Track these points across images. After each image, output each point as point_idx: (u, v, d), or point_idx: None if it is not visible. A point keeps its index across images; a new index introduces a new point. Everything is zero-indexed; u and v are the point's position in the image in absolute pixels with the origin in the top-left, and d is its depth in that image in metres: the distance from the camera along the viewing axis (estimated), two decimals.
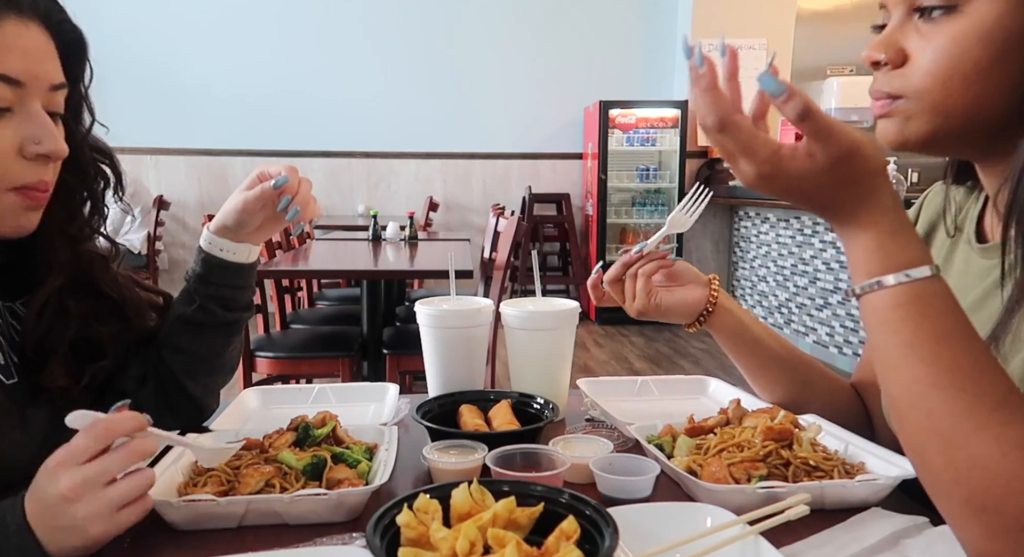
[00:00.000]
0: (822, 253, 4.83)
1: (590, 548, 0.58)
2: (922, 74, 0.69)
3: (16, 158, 0.75)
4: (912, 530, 0.70)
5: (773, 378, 1.02)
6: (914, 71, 0.70)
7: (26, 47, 0.75)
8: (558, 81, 6.45)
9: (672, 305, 1.01)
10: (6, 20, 0.73)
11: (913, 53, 0.70)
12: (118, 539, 0.71)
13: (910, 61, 0.70)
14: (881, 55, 0.72)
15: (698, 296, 1.01)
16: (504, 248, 2.76)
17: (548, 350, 1.09)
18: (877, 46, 0.73)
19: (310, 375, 3.11)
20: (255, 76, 6.20)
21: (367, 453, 0.86)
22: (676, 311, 1.02)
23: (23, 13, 0.75)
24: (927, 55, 0.69)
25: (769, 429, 0.83)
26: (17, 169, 0.75)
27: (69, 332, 0.86)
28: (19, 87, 0.74)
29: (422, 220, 5.45)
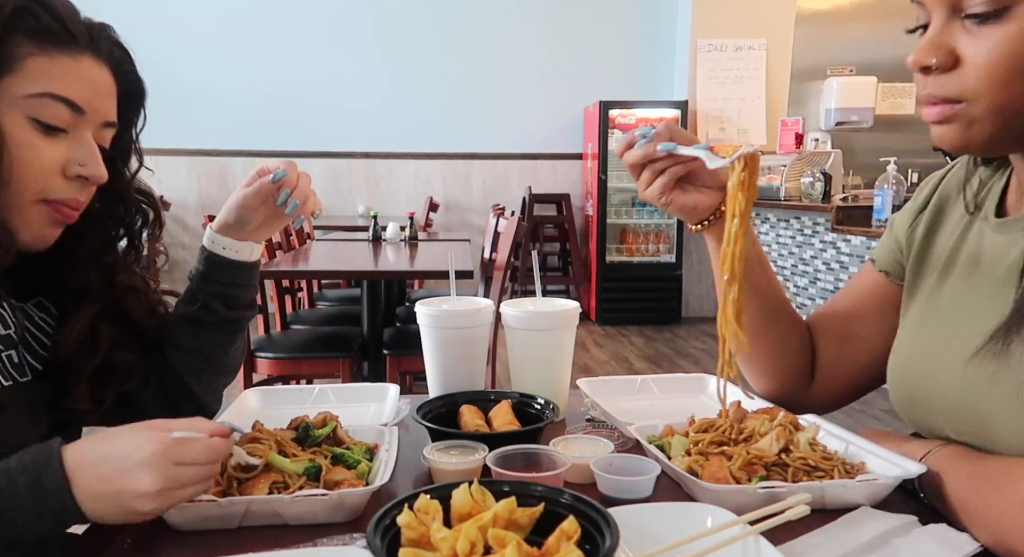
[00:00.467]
0: (822, 253, 4.83)
1: (590, 548, 0.58)
2: (980, 76, 0.68)
3: (58, 175, 0.81)
4: (901, 529, 0.71)
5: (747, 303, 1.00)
6: (970, 73, 0.68)
7: (95, 82, 0.83)
8: (558, 81, 6.45)
9: (684, 205, 0.94)
10: (84, 57, 0.81)
11: (966, 56, 0.68)
12: (119, 539, 0.71)
13: (963, 64, 0.69)
14: (932, 59, 0.70)
15: (712, 201, 0.94)
16: (504, 248, 2.76)
17: (548, 350, 1.09)
18: (926, 50, 0.71)
19: (310, 375, 3.11)
20: (255, 76, 6.20)
21: (367, 454, 0.86)
22: (686, 212, 0.95)
23: (100, 55, 0.83)
24: (982, 57, 0.67)
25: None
26: (55, 184, 0.81)
27: (97, 357, 0.90)
28: (79, 113, 0.81)
29: (422, 220, 5.44)
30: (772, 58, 6.11)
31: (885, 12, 5.97)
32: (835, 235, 4.57)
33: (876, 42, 6.03)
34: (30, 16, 0.77)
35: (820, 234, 4.84)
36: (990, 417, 0.75)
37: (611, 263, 6.10)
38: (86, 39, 0.81)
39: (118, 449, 0.67)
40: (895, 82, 5.97)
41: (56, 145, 0.80)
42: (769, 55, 6.11)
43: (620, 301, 6.07)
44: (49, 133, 0.79)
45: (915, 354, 0.88)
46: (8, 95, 0.77)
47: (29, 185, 0.79)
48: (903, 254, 0.97)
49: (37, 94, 0.77)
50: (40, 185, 0.80)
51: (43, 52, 0.78)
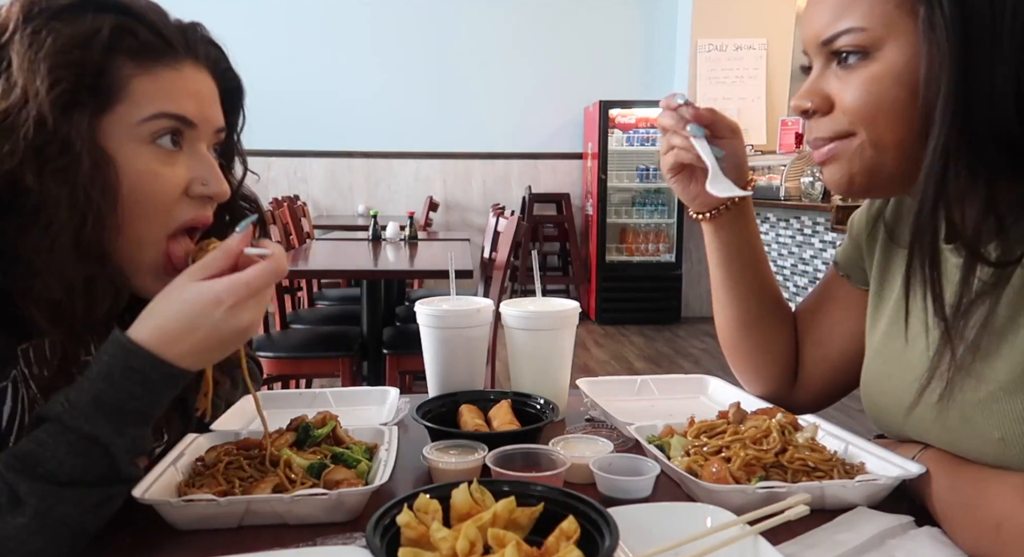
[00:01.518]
0: (822, 253, 4.83)
1: (590, 548, 0.58)
2: (849, 117, 0.73)
3: (182, 198, 0.78)
4: (897, 530, 0.71)
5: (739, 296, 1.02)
6: (844, 113, 0.73)
7: (200, 91, 0.79)
8: (558, 81, 6.45)
9: (687, 191, 0.98)
10: (184, 64, 0.78)
11: (837, 99, 0.74)
12: (118, 539, 0.71)
13: (836, 106, 0.74)
14: (808, 103, 0.76)
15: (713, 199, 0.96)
16: (504, 248, 2.76)
17: (548, 350, 1.09)
18: (803, 95, 0.76)
19: (310, 375, 3.11)
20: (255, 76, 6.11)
21: (367, 453, 0.86)
22: (688, 198, 0.99)
23: (198, 59, 0.80)
24: (849, 99, 0.72)
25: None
26: (181, 208, 0.78)
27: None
28: (191, 127, 0.78)
29: (422, 220, 5.45)
30: (772, 58, 6.11)
31: None
32: (835, 235, 4.57)
33: None
34: (128, 35, 0.73)
35: (820, 234, 4.84)
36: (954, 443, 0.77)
37: (611, 263, 6.10)
38: (183, 45, 0.78)
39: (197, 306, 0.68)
40: None
41: (176, 167, 0.77)
42: (769, 55, 6.11)
43: (620, 301, 6.07)
44: (167, 156, 0.76)
45: (880, 376, 0.89)
46: (121, 125, 0.73)
47: (155, 216, 0.76)
48: (864, 260, 0.96)
49: (149, 117, 0.74)
50: (165, 213, 0.77)
51: (146, 70, 0.74)
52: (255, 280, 0.70)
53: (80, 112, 0.70)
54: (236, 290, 0.69)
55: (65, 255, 0.69)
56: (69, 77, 0.70)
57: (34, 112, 0.68)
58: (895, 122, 0.70)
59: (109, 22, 0.72)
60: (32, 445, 0.65)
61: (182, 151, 0.78)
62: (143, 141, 0.74)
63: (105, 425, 0.66)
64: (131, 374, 0.67)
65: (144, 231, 0.76)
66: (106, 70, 0.72)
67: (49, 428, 0.65)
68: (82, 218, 0.70)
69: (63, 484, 0.64)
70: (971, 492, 0.72)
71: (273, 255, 0.72)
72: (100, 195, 0.71)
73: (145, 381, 0.67)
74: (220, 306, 0.68)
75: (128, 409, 0.67)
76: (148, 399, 0.68)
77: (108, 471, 0.67)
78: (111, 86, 0.73)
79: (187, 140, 0.78)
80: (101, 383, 0.67)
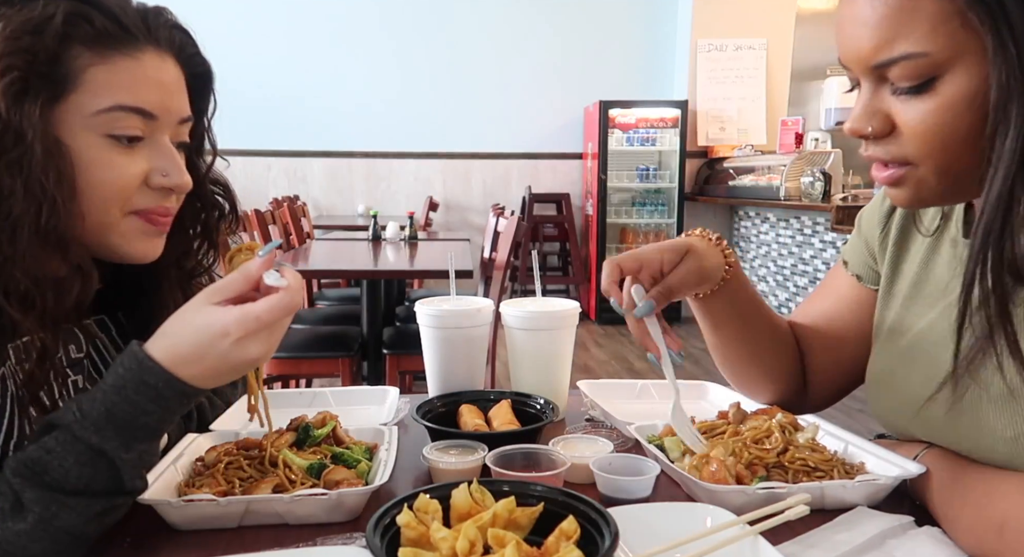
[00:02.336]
0: (822, 253, 4.83)
1: (590, 548, 0.58)
2: (918, 144, 0.68)
3: (141, 187, 0.77)
4: (897, 530, 0.71)
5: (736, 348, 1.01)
6: (908, 140, 0.68)
7: (162, 80, 0.77)
8: (558, 81, 6.45)
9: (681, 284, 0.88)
10: (145, 52, 0.75)
11: (902, 123, 0.68)
12: (118, 539, 0.71)
13: (900, 131, 0.69)
14: (868, 128, 0.71)
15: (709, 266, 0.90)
16: (504, 248, 2.76)
17: (548, 350, 1.09)
18: (861, 119, 0.71)
19: (310, 375, 3.11)
20: (255, 76, 6.19)
21: (367, 453, 0.86)
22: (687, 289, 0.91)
23: (160, 46, 0.77)
24: (918, 126, 0.67)
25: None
26: (139, 197, 0.77)
27: None
28: (152, 119, 0.76)
29: (422, 220, 5.45)
30: (772, 58, 6.11)
31: None
32: (835, 235, 4.57)
33: None
34: (83, 21, 0.71)
35: (820, 234, 4.84)
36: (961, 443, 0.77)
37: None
38: (143, 32, 0.75)
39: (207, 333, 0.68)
40: None
41: (134, 157, 0.75)
42: (769, 55, 6.11)
43: None
44: (125, 146, 0.74)
45: (887, 375, 0.88)
46: (76, 114, 0.72)
47: (113, 202, 0.75)
48: (875, 261, 0.95)
49: (106, 109, 0.72)
50: (124, 200, 0.76)
51: (102, 59, 0.72)
52: (265, 314, 0.68)
53: (31, 101, 0.69)
54: (246, 324, 0.67)
55: (27, 245, 0.69)
56: (20, 65, 0.68)
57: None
58: (966, 148, 0.66)
59: (63, 8, 0.70)
60: (40, 452, 0.65)
61: (142, 142, 0.76)
62: (99, 132, 0.73)
63: (114, 438, 0.66)
64: (145, 389, 0.67)
65: (105, 216, 0.76)
66: (60, 58, 0.70)
67: (59, 436, 0.65)
68: (38, 208, 0.69)
69: (68, 493, 0.64)
70: (974, 492, 0.72)
71: (289, 287, 0.71)
72: (55, 185, 0.69)
73: (158, 398, 0.67)
74: (227, 338, 0.67)
75: (139, 424, 0.67)
76: (159, 415, 0.68)
77: (113, 483, 0.66)
78: (65, 75, 0.71)
79: (147, 131, 0.76)
80: (114, 396, 0.66)
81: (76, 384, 0.83)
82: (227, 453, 0.82)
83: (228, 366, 0.69)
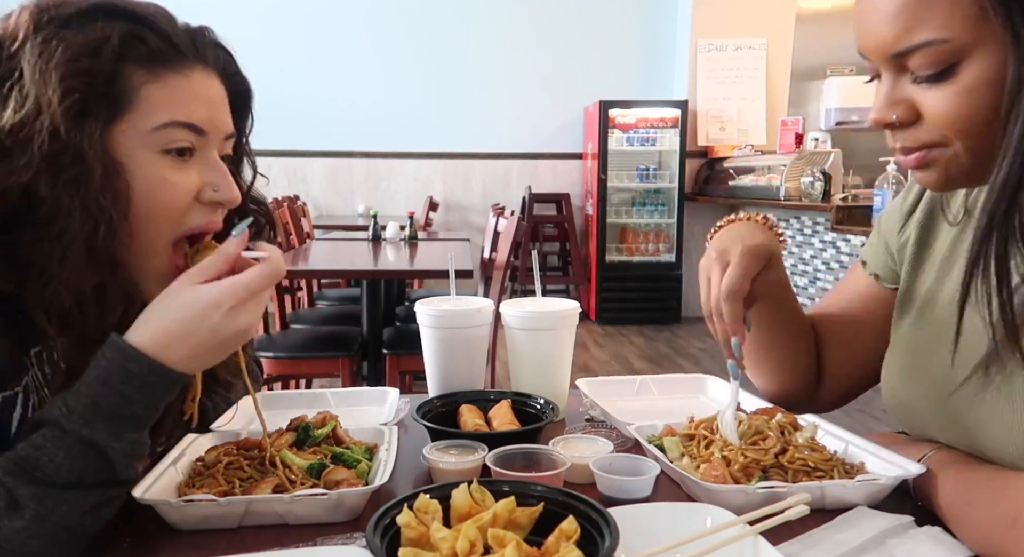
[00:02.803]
0: (822, 253, 4.83)
1: (590, 548, 0.58)
2: (944, 127, 0.68)
3: (193, 203, 0.78)
4: (898, 529, 0.71)
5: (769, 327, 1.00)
6: (934, 126, 0.69)
7: (209, 96, 0.79)
8: (558, 81, 6.45)
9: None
10: (194, 70, 0.77)
11: (926, 110, 0.69)
12: (118, 539, 0.71)
13: (925, 117, 0.69)
14: (892, 117, 0.71)
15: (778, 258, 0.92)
16: (504, 248, 2.76)
17: (548, 350, 1.09)
18: (884, 109, 0.71)
19: (310, 375, 3.11)
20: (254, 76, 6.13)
21: (367, 453, 0.86)
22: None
23: (207, 64, 0.79)
24: (942, 112, 0.67)
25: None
26: (192, 213, 0.78)
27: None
28: (202, 135, 0.77)
29: (422, 220, 5.45)
30: (772, 58, 6.11)
31: None
32: (835, 235, 4.57)
33: None
34: (138, 42, 0.73)
35: (820, 234, 4.84)
36: (980, 433, 0.76)
37: (611, 263, 6.10)
38: (192, 50, 0.77)
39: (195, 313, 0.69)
40: None
41: (187, 173, 0.77)
42: (769, 55, 6.11)
43: (620, 301, 6.07)
44: (178, 162, 0.76)
45: (907, 368, 0.88)
46: (133, 133, 0.73)
47: (167, 221, 0.76)
48: (895, 260, 0.96)
49: (161, 126, 0.74)
50: (177, 218, 0.77)
51: (155, 77, 0.74)
52: (254, 282, 0.71)
53: (92, 121, 0.70)
54: (236, 292, 0.70)
55: (77, 263, 0.69)
56: (80, 86, 0.69)
57: (47, 123, 0.68)
58: (990, 129, 0.66)
59: (119, 29, 0.72)
60: (30, 449, 0.65)
61: (193, 157, 0.78)
62: (154, 149, 0.74)
63: (104, 429, 0.66)
64: (129, 378, 0.67)
65: (155, 236, 0.77)
66: (116, 78, 0.72)
67: (47, 432, 0.66)
68: (94, 227, 0.70)
69: (62, 487, 0.64)
70: (986, 487, 0.71)
71: (270, 258, 0.73)
72: (112, 204, 0.71)
73: (144, 386, 0.68)
74: (219, 309, 0.69)
75: (126, 413, 0.67)
76: (146, 403, 0.69)
77: (106, 474, 0.67)
78: (122, 94, 0.72)
79: (198, 146, 0.78)
80: (99, 387, 0.67)
81: None
82: (227, 453, 0.82)
83: (218, 340, 0.70)
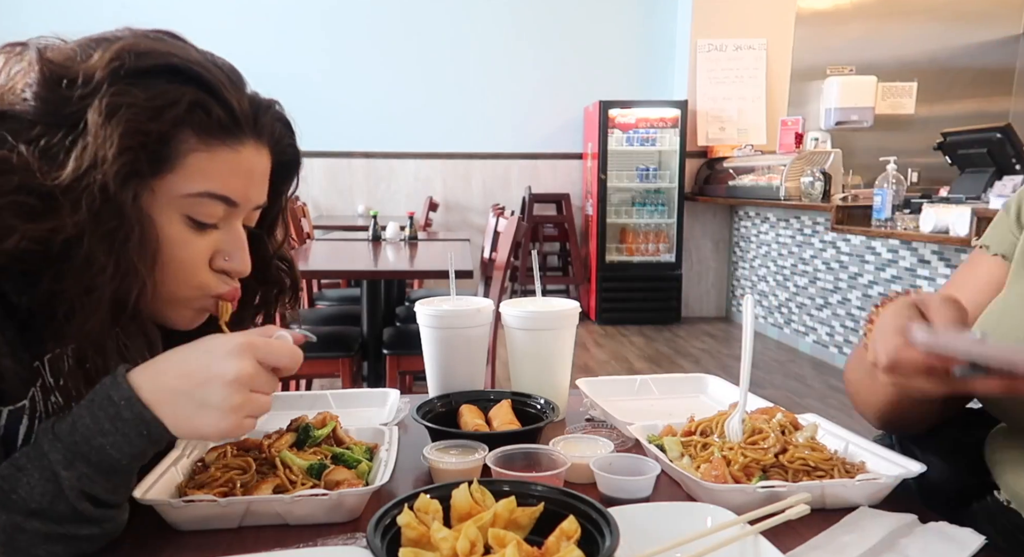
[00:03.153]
0: (822, 253, 4.83)
1: (590, 548, 0.58)
2: None
3: (205, 267, 0.77)
4: (904, 529, 0.71)
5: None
6: None
7: (253, 170, 0.78)
8: (558, 81, 6.45)
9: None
10: (246, 145, 0.76)
11: None
12: (119, 539, 0.71)
13: None
14: None
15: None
16: (504, 248, 2.76)
17: (548, 350, 1.09)
18: None
19: (310, 375, 3.11)
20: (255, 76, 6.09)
21: (367, 453, 0.86)
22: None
23: (261, 139, 0.78)
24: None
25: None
26: (203, 277, 0.77)
27: None
28: (232, 206, 0.77)
29: (422, 220, 5.44)
30: (772, 58, 6.11)
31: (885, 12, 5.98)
32: (835, 235, 4.57)
33: (876, 42, 6.03)
34: (201, 111, 0.72)
35: (820, 233, 4.84)
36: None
37: (611, 263, 6.10)
38: (250, 124, 0.76)
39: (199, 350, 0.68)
40: (895, 82, 5.98)
41: (206, 239, 0.76)
42: (769, 55, 6.11)
43: (620, 301, 6.07)
44: (202, 229, 0.76)
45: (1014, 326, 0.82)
46: (167, 193, 0.72)
47: (184, 281, 0.76)
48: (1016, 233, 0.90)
49: (195, 194, 0.73)
50: (193, 278, 0.77)
51: (207, 147, 0.73)
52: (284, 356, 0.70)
53: (137, 180, 0.69)
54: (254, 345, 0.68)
55: (101, 315, 0.69)
56: (136, 147, 0.68)
57: (99, 178, 0.66)
58: None
59: (188, 96, 0.71)
60: (11, 469, 0.64)
61: (217, 228, 0.77)
62: (182, 212, 0.74)
63: (60, 451, 0.64)
64: (108, 405, 0.65)
65: (175, 291, 0.76)
66: (171, 140, 0.71)
67: (29, 451, 0.65)
68: (122, 281, 0.69)
69: (28, 513, 0.63)
70: None
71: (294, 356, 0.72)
72: (140, 259, 0.70)
73: (117, 417, 0.65)
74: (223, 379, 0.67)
75: (94, 444, 0.65)
76: (114, 438, 0.65)
77: (66, 505, 0.64)
78: (170, 155, 0.71)
79: (225, 217, 0.77)
80: (83, 409, 0.66)
81: None
82: (227, 453, 0.82)
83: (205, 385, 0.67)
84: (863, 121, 5.90)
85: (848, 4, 6.10)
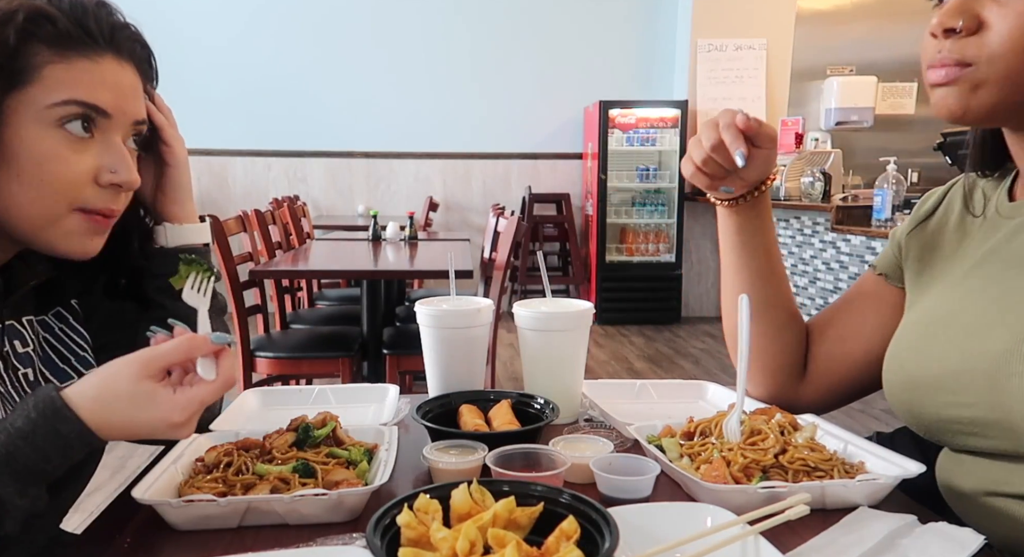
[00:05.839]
0: (822, 253, 4.83)
1: (590, 548, 0.58)
2: (1000, 41, 0.69)
3: (90, 183, 0.78)
4: (904, 529, 0.71)
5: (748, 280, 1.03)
6: (993, 38, 0.70)
7: (119, 83, 0.80)
8: (558, 81, 6.45)
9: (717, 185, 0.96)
10: (104, 58, 0.78)
11: (991, 20, 0.70)
12: (119, 539, 0.71)
13: (986, 28, 0.70)
14: (958, 22, 0.71)
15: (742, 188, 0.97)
16: (504, 248, 2.76)
17: (562, 352, 1.08)
18: (952, 12, 0.72)
19: (310, 375, 3.11)
20: (255, 76, 6.19)
21: (367, 453, 0.86)
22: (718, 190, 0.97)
23: (121, 54, 0.80)
24: (1008, 24, 0.69)
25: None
26: (89, 193, 0.78)
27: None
28: (105, 117, 0.78)
29: (422, 220, 5.45)
30: (772, 58, 6.11)
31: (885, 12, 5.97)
32: (835, 235, 4.57)
33: (876, 42, 6.03)
34: (46, 22, 0.73)
35: (820, 234, 4.84)
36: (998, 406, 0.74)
37: (611, 263, 6.10)
38: (106, 39, 0.78)
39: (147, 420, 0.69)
40: (895, 82, 5.97)
41: (85, 153, 0.77)
42: (769, 55, 6.11)
43: (620, 301, 6.07)
44: (76, 142, 0.76)
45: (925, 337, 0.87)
46: (31, 106, 0.73)
47: (63, 196, 0.76)
48: (901, 256, 0.99)
49: (60, 102, 0.74)
50: (73, 195, 0.77)
51: (62, 58, 0.74)
52: (208, 397, 0.71)
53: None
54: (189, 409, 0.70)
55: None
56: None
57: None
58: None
59: (25, 7, 0.73)
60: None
61: (94, 139, 0.77)
62: (51, 124, 0.74)
63: (10, 484, 0.64)
64: (55, 439, 0.66)
65: (50, 210, 0.76)
66: (20, 53, 0.73)
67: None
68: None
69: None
70: None
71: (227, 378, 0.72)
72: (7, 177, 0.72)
73: (66, 448, 0.66)
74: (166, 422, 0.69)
75: (37, 470, 0.66)
76: (60, 463, 0.67)
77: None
78: (23, 69, 0.73)
79: (100, 129, 0.78)
80: (19, 440, 0.65)
81: (27, 377, 0.83)
82: (227, 453, 0.82)
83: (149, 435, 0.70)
84: (863, 121, 5.90)
85: (848, 4, 6.09)
